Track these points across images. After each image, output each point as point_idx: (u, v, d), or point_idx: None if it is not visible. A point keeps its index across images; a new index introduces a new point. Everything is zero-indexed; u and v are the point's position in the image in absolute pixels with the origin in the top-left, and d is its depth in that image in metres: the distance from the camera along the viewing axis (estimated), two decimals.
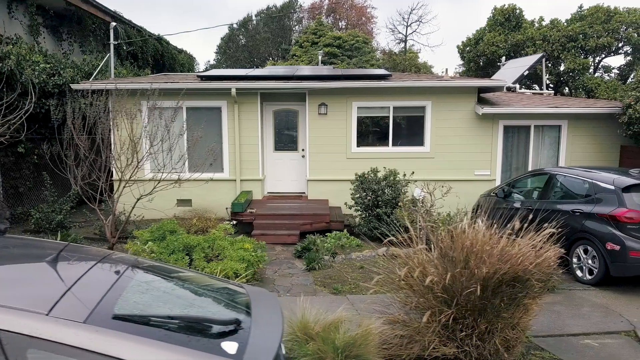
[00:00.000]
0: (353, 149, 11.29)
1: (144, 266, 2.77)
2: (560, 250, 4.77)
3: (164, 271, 2.80)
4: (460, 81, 11.07)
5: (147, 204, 10.86)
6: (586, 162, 11.00)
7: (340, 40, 36.20)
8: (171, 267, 3.19)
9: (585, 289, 6.90)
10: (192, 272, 3.35)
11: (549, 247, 4.69)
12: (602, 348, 5.08)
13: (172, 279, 2.71)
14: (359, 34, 38.53)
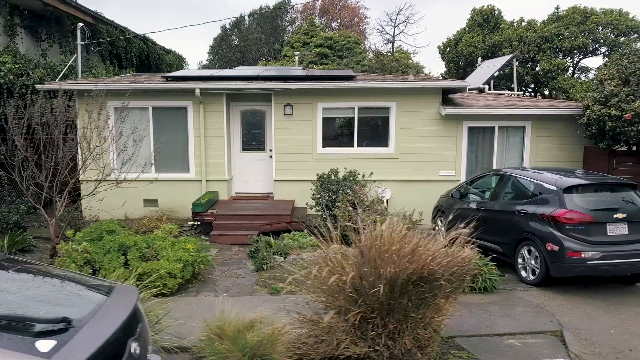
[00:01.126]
0: (319, 149, 11.33)
1: None
2: (476, 250, 4.82)
3: (24, 270, 2.84)
4: (424, 82, 11.12)
5: (113, 204, 10.94)
6: (550, 163, 11.05)
7: (331, 40, 36.25)
8: (39, 267, 3.22)
9: (526, 289, 6.94)
10: (64, 271, 3.38)
11: (463, 247, 4.74)
12: (523, 348, 5.12)
13: (25, 277, 2.75)
14: (350, 35, 38.57)
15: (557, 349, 5.11)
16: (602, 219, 6.61)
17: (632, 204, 6.91)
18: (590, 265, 6.49)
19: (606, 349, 5.19)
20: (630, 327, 5.74)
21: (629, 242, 6.62)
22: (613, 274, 6.97)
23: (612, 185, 7.11)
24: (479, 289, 6.59)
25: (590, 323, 5.80)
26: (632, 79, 9.07)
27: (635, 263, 6.63)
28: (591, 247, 6.49)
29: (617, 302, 6.55)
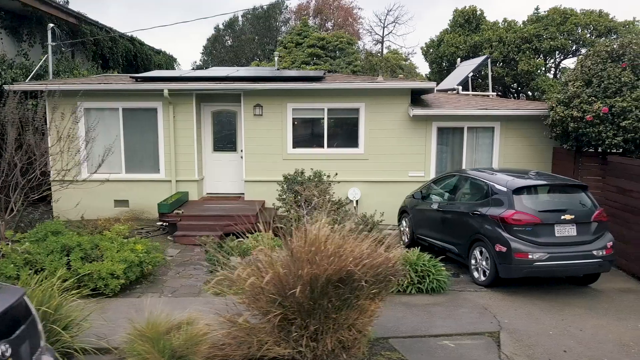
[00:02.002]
0: (289, 150, 11.34)
1: None
2: (403, 251, 4.83)
3: None
4: (392, 83, 11.11)
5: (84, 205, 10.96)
6: (520, 163, 11.06)
7: (324, 41, 36.24)
8: None
9: (476, 291, 6.95)
10: None
11: (387, 248, 4.75)
12: (455, 349, 5.13)
13: None
14: (343, 35, 38.56)
15: (490, 351, 5.12)
16: (550, 220, 6.62)
17: (582, 205, 6.93)
18: (538, 266, 6.51)
19: (540, 349, 5.21)
20: (569, 328, 5.76)
21: (577, 244, 6.64)
22: (561, 275, 6.99)
23: (563, 187, 7.12)
24: (426, 290, 6.59)
25: (531, 324, 5.82)
26: (594, 80, 9.08)
27: (582, 264, 6.65)
28: (538, 248, 6.51)
29: (564, 303, 6.57)
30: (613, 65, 9.07)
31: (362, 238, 4.85)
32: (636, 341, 5.52)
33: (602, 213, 6.86)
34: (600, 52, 9.43)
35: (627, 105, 8.48)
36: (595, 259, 6.64)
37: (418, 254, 6.81)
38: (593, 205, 6.93)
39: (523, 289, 7.04)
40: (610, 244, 6.78)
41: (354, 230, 5.05)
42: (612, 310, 6.38)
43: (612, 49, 9.29)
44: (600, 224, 6.81)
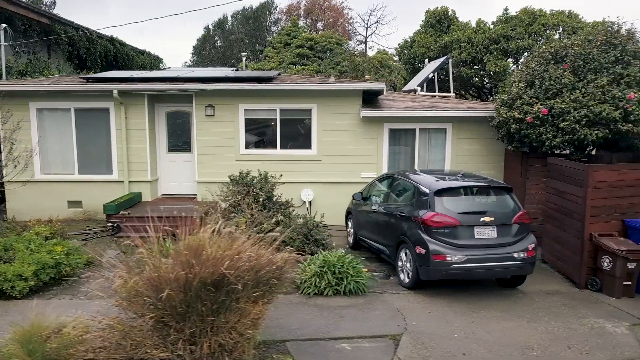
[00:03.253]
0: (241, 151, 11.31)
1: None
2: (289, 254, 4.80)
3: None
4: (342, 84, 11.08)
5: (38, 206, 10.96)
6: (472, 164, 11.02)
7: (312, 41, 36.21)
8: None
9: (399, 293, 6.92)
10: None
11: (277, 249, 4.73)
12: (351, 352, 5.10)
13: None
14: (332, 36, 38.54)
15: (385, 354, 5.08)
16: (470, 222, 6.59)
17: (504, 207, 6.90)
18: (456, 268, 6.47)
19: (438, 353, 5.18)
20: (477, 331, 5.73)
21: (498, 246, 6.61)
22: (480, 277, 6.96)
23: (485, 189, 7.08)
24: (344, 292, 6.56)
25: (439, 327, 5.79)
26: (536, 82, 9.05)
27: (503, 266, 6.62)
28: (457, 250, 6.48)
29: (483, 305, 6.54)
30: (555, 67, 9.05)
31: (252, 241, 4.84)
32: (541, 343, 5.50)
33: (524, 215, 6.83)
34: (544, 53, 9.41)
35: (566, 107, 8.45)
36: (515, 261, 6.61)
37: (339, 256, 6.78)
38: (516, 208, 6.90)
39: (448, 290, 7.01)
40: (532, 247, 6.75)
41: (246, 232, 5.04)
42: (528, 312, 6.35)
43: (556, 50, 9.28)
44: (522, 226, 6.78)
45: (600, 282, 7.26)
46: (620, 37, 8.92)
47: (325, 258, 6.68)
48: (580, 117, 8.34)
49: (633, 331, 5.91)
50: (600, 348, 5.47)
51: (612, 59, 8.73)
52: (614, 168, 7.56)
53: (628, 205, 7.51)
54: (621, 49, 8.77)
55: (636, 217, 7.48)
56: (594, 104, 8.32)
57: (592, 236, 7.31)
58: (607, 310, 6.56)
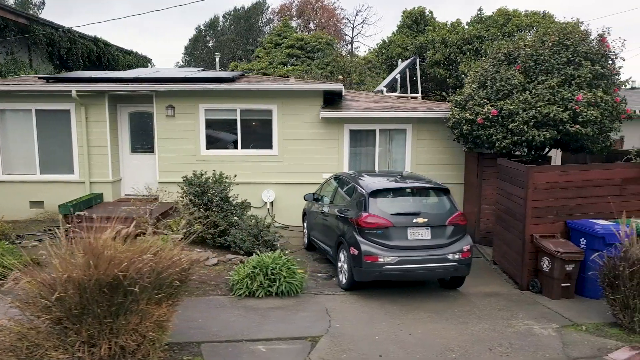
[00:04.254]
0: (202, 151, 11.30)
1: None
2: (198, 255, 4.78)
3: None
4: (301, 85, 11.07)
5: None
6: (432, 165, 11.03)
7: (302, 42, 36.20)
8: None
9: (334, 294, 6.91)
10: None
11: (179, 252, 4.71)
12: (264, 354, 5.09)
13: None
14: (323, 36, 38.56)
15: (298, 355, 5.06)
16: (403, 223, 6.57)
17: (439, 208, 6.88)
18: (388, 269, 6.46)
19: (354, 354, 5.16)
20: (400, 333, 5.71)
21: (431, 247, 6.59)
22: (413, 278, 6.93)
23: (422, 190, 7.07)
24: (276, 293, 6.54)
25: (363, 329, 5.77)
26: (488, 83, 9.04)
27: (436, 268, 6.60)
28: (389, 251, 6.46)
29: (415, 307, 6.52)
30: (507, 68, 9.04)
31: (168, 243, 4.83)
32: (462, 345, 5.48)
33: (459, 217, 6.81)
34: (497, 54, 9.40)
35: (514, 108, 8.44)
36: (450, 262, 6.59)
37: (274, 257, 6.76)
38: (452, 209, 6.88)
39: (386, 292, 7.00)
40: (467, 248, 6.74)
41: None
42: (460, 314, 6.34)
43: (509, 51, 9.27)
44: (457, 227, 6.76)
45: (540, 284, 7.25)
46: (572, 38, 8.91)
47: (259, 259, 6.66)
48: (528, 118, 8.33)
49: (560, 333, 5.90)
50: (522, 350, 5.46)
51: (563, 59, 8.72)
52: (555, 169, 7.55)
53: (571, 207, 7.49)
54: (573, 50, 8.77)
55: (579, 218, 7.46)
56: (542, 105, 8.31)
57: (533, 237, 7.30)
58: (541, 311, 6.55)
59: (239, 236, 8.64)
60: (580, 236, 7.23)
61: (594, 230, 6.91)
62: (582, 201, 7.51)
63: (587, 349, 5.54)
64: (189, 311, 6.02)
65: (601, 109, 8.42)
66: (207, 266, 7.74)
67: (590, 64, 8.65)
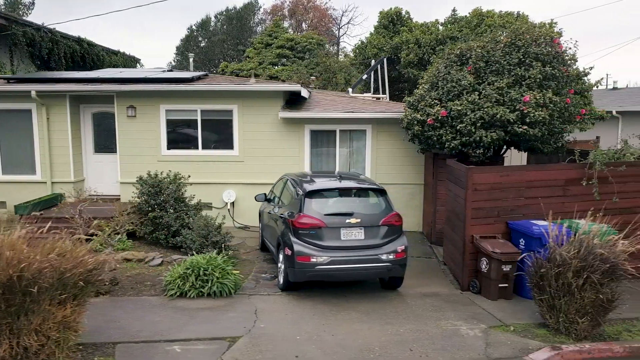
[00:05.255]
0: (163, 151, 11.32)
1: None
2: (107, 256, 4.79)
3: None
4: (261, 85, 11.07)
5: None
6: (393, 166, 11.06)
7: (292, 42, 36.22)
8: None
9: (269, 294, 6.92)
10: None
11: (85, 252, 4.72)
12: (178, 354, 5.10)
13: None
14: (313, 36, 38.57)
15: (211, 356, 5.07)
16: (337, 223, 6.59)
17: (374, 209, 6.89)
18: (320, 269, 6.47)
19: (270, 355, 5.18)
20: (323, 333, 5.72)
21: (364, 248, 6.60)
22: (346, 279, 6.92)
23: (358, 190, 7.08)
24: (208, 294, 6.55)
25: (287, 329, 5.78)
26: (440, 83, 9.06)
27: (369, 268, 6.61)
28: (321, 251, 6.48)
29: (348, 307, 6.54)
30: (459, 69, 9.06)
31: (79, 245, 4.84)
32: (383, 346, 5.49)
33: (394, 217, 6.82)
34: (450, 54, 9.42)
35: (462, 109, 8.46)
36: (383, 262, 6.61)
37: (208, 258, 6.77)
38: (388, 209, 6.89)
39: (322, 292, 7.01)
40: (402, 248, 6.75)
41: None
42: (391, 314, 6.35)
43: (462, 52, 9.29)
44: (391, 227, 6.77)
45: (480, 284, 7.26)
46: (524, 40, 8.93)
47: (192, 260, 6.68)
48: (476, 119, 8.35)
49: (486, 334, 5.92)
50: (443, 350, 5.47)
51: (515, 60, 8.74)
52: (495, 170, 7.55)
53: (512, 207, 7.51)
54: (524, 51, 8.79)
55: (521, 219, 7.47)
56: (490, 106, 8.32)
57: (473, 238, 7.31)
58: (474, 312, 6.56)
59: (189, 237, 8.65)
60: (519, 237, 7.25)
61: (531, 231, 6.93)
62: (524, 202, 7.53)
63: (508, 349, 5.55)
64: (117, 311, 6.04)
65: (550, 110, 8.43)
66: (150, 267, 7.76)
67: (541, 65, 8.67)
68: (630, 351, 5.67)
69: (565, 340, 5.77)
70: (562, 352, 5.49)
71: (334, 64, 31.87)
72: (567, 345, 5.63)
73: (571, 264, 5.79)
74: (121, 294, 6.63)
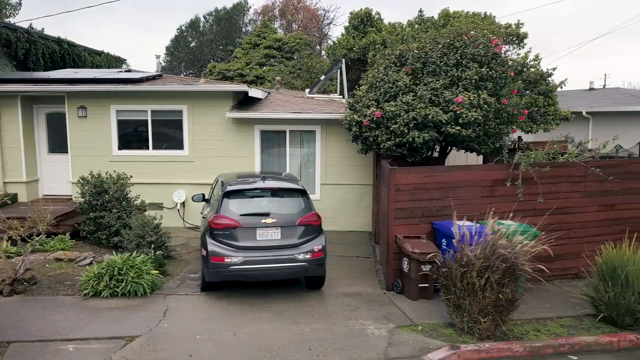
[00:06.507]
0: (115, 152, 11.36)
1: None
2: None
3: None
4: (209, 86, 11.10)
5: None
6: (342, 167, 11.11)
7: (280, 42, 36.26)
8: None
9: (189, 294, 6.96)
10: None
11: None
12: (70, 353, 5.14)
13: None
14: (301, 37, 38.60)
15: (103, 355, 5.10)
16: (253, 224, 6.62)
17: (293, 209, 6.92)
18: (234, 270, 6.51)
19: (164, 354, 5.21)
20: (226, 332, 5.76)
21: (280, 248, 6.64)
22: (261, 279, 6.92)
23: (277, 191, 7.10)
24: (123, 294, 6.58)
25: (190, 328, 5.81)
26: (378, 84, 9.09)
27: (284, 268, 6.64)
28: (236, 252, 6.51)
29: (262, 307, 6.58)
30: (397, 70, 9.10)
31: None
32: (283, 345, 5.53)
33: (312, 217, 6.85)
34: (390, 56, 9.46)
35: (396, 110, 8.49)
36: (299, 262, 6.64)
37: (126, 258, 6.80)
38: (306, 209, 6.92)
39: (241, 291, 7.05)
40: (319, 248, 6.78)
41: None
42: (302, 314, 6.38)
43: (401, 53, 9.32)
44: (309, 227, 6.80)
45: (402, 284, 7.30)
46: (462, 41, 8.97)
47: (109, 260, 6.71)
48: (409, 120, 8.38)
49: (392, 333, 5.95)
50: (343, 350, 5.50)
51: (452, 61, 8.77)
52: (420, 170, 7.58)
53: (438, 208, 7.54)
54: (461, 52, 8.82)
55: (447, 219, 7.50)
56: (423, 107, 8.35)
57: (397, 238, 7.35)
58: (389, 312, 6.60)
59: (127, 237, 8.70)
60: (442, 237, 7.29)
61: (450, 231, 6.95)
62: (450, 202, 7.53)
63: (409, 349, 5.59)
64: (24, 311, 6.08)
65: (484, 111, 8.46)
66: (79, 267, 7.79)
67: (477, 66, 8.70)
68: (530, 350, 5.71)
69: (468, 340, 5.81)
70: (459, 352, 5.52)
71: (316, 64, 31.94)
72: (466, 345, 5.66)
73: (475, 264, 5.84)
74: (37, 293, 6.67)
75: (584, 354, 5.74)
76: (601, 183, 8.02)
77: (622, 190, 8.21)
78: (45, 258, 8.17)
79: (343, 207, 11.19)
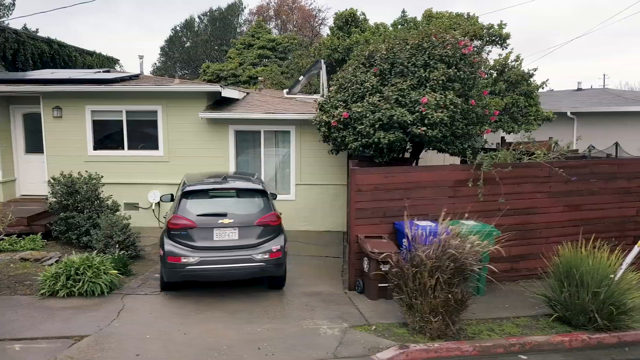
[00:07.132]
0: (90, 152, 11.39)
1: None
2: None
3: None
4: (182, 86, 11.13)
5: None
6: (317, 167, 11.14)
7: (274, 42, 36.29)
8: None
9: (148, 294, 6.99)
10: None
11: None
12: (15, 352, 5.17)
13: None
14: (295, 37, 38.62)
15: (49, 354, 5.13)
16: (210, 224, 6.64)
17: (252, 209, 6.94)
18: (191, 270, 6.53)
19: (111, 353, 5.23)
20: (176, 332, 5.79)
21: (238, 248, 6.66)
22: (219, 279, 6.93)
23: (237, 191, 7.13)
24: (79, 293, 6.60)
25: (140, 328, 5.84)
26: (347, 85, 9.11)
27: (241, 268, 6.65)
28: (193, 252, 6.53)
29: (218, 307, 6.61)
30: (365, 71, 9.12)
31: None
32: (232, 345, 5.55)
33: (271, 217, 6.87)
34: (359, 57, 9.49)
35: (362, 110, 8.51)
36: (256, 262, 6.66)
37: (85, 258, 6.83)
38: (266, 210, 6.94)
39: (200, 291, 7.07)
40: (277, 248, 6.79)
41: None
42: (256, 313, 6.40)
43: (370, 54, 9.35)
44: (267, 227, 6.82)
45: (363, 284, 7.32)
46: (430, 42, 8.99)
47: (67, 260, 6.74)
48: (374, 121, 8.39)
49: (344, 333, 5.97)
50: (292, 349, 5.52)
51: (420, 62, 8.80)
52: (380, 171, 7.60)
53: (399, 208, 7.54)
54: (429, 53, 8.85)
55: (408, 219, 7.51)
56: (388, 107, 8.37)
57: (358, 238, 7.37)
58: (346, 311, 6.62)
59: (95, 237, 8.73)
60: (403, 237, 7.29)
61: None
62: (411, 203, 7.55)
63: (359, 348, 5.61)
64: None
65: (451, 112, 8.47)
66: (43, 266, 7.81)
67: (445, 67, 8.72)
68: (480, 350, 5.74)
69: (419, 340, 5.83)
70: (407, 351, 5.55)
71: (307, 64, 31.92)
72: (416, 344, 5.68)
73: (427, 264, 5.86)
74: None
75: (535, 354, 5.77)
76: (566, 184, 8.05)
77: (587, 191, 8.24)
78: (12, 258, 8.20)
79: (318, 207, 11.22)
